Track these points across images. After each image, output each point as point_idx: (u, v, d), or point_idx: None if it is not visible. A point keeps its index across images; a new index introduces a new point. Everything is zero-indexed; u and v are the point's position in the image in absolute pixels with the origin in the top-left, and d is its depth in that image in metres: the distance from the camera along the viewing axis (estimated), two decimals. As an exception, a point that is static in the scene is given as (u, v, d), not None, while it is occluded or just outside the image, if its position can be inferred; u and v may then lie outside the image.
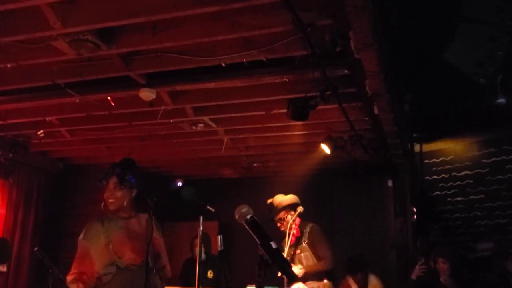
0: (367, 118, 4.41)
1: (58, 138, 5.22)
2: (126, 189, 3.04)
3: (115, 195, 3.03)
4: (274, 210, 4.39)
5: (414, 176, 6.50)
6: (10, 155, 5.22)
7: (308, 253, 4.30)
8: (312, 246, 4.30)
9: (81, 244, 2.99)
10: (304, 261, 4.27)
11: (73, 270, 2.94)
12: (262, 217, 2.07)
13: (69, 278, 2.92)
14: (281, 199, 4.45)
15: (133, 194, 3.07)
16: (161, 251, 3.14)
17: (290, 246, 4.35)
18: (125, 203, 3.05)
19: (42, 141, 5.23)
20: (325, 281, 4.22)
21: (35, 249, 3.71)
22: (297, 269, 4.12)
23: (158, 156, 5.99)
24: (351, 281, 4.98)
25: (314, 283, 4.18)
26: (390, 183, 6.06)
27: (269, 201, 4.49)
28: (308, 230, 4.38)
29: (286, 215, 4.36)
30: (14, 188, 5.84)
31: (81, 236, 3.03)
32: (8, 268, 5.40)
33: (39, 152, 5.93)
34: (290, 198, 4.45)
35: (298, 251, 4.31)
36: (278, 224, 4.40)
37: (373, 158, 5.28)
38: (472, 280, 4.72)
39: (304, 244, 4.31)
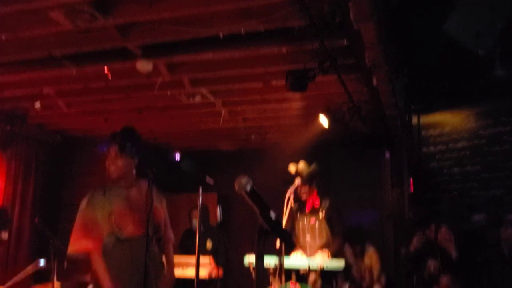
0: (366, 90, 4.40)
1: (55, 110, 5.20)
2: (127, 157, 3.05)
3: (116, 164, 3.04)
4: (302, 178, 4.44)
5: (412, 148, 6.53)
6: (8, 127, 5.21)
7: (323, 225, 4.40)
8: (329, 220, 4.40)
9: (85, 213, 2.99)
10: (317, 232, 4.37)
11: (78, 239, 2.95)
12: (261, 188, 2.09)
13: (75, 247, 2.93)
14: (306, 168, 4.51)
15: (135, 163, 3.09)
16: (160, 222, 3.17)
17: (305, 214, 4.46)
18: (126, 172, 3.06)
19: (39, 113, 5.22)
20: (325, 249, 4.32)
21: (35, 219, 3.75)
22: (323, 257, 4.20)
23: (156, 128, 5.98)
24: (347, 250, 5.08)
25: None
26: (387, 155, 6.09)
27: (292, 169, 4.53)
28: (327, 204, 4.48)
29: (308, 185, 4.45)
30: (13, 161, 5.86)
31: (83, 205, 3.04)
32: (9, 238, 5.48)
33: (37, 124, 5.92)
34: (313, 168, 4.50)
35: (313, 222, 4.41)
36: (304, 193, 4.47)
37: (371, 130, 5.30)
38: (468, 250, 4.80)
39: (321, 217, 4.42)
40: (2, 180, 5.71)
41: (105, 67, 4.02)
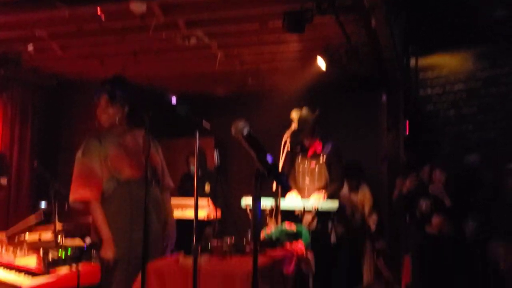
0: (364, 32, 4.33)
1: (49, 53, 5.13)
2: (118, 105, 3.05)
3: (107, 112, 3.05)
4: (306, 125, 4.48)
5: (408, 91, 6.52)
6: (2, 71, 5.15)
7: (323, 169, 4.48)
8: (329, 165, 4.48)
9: (82, 161, 3.02)
10: (316, 175, 4.46)
11: (77, 188, 2.97)
12: (258, 132, 2.11)
13: (75, 196, 2.96)
14: (308, 114, 4.54)
15: (125, 111, 3.09)
16: (157, 166, 3.22)
17: (306, 158, 4.54)
18: (117, 120, 3.07)
19: (33, 56, 5.14)
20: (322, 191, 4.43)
21: (34, 163, 3.79)
22: (317, 198, 4.29)
23: (151, 72, 5.92)
24: (344, 188, 5.23)
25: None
26: (384, 98, 6.08)
27: (294, 115, 4.55)
28: (329, 149, 4.54)
29: (310, 131, 4.51)
30: (9, 105, 5.84)
31: (79, 154, 3.06)
32: (9, 182, 5.57)
33: (32, 68, 5.84)
34: (315, 115, 4.55)
35: (313, 165, 4.49)
36: (306, 140, 4.53)
37: (369, 73, 5.27)
38: (462, 192, 4.92)
39: (322, 161, 4.49)
40: (-1, 124, 5.72)
41: (98, 8, 3.92)
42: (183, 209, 4.92)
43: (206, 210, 5.11)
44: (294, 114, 4.57)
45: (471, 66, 6.49)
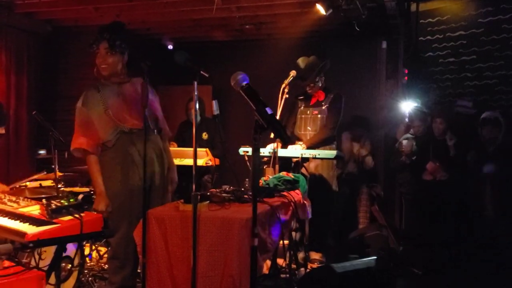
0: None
1: (42, -2, 5.00)
2: (118, 54, 3.03)
3: (107, 61, 3.03)
4: (311, 73, 4.48)
5: (408, 37, 6.42)
6: (-6, 17, 5.04)
7: (324, 116, 4.53)
8: (329, 110, 4.52)
9: (81, 112, 3.03)
10: (319, 122, 4.54)
11: (77, 137, 3.01)
12: (255, 79, 2.11)
13: (74, 145, 2.99)
14: (316, 63, 4.53)
15: (125, 59, 3.07)
16: (158, 114, 3.24)
17: (309, 106, 4.56)
18: (118, 68, 3.06)
19: (26, 1, 5.01)
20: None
21: (33, 112, 3.78)
22: (300, 147, 4.36)
23: (147, 18, 5.80)
24: (344, 135, 5.29)
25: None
26: (384, 45, 6.00)
27: (301, 63, 4.54)
28: (332, 96, 4.59)
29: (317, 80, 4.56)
30: (3, 52, 5.75)
31: (79, 104, 3.06)
32: (8, 131, 5.58)
33: (25, 13, 5.70)
34: (319, 63, 4.56)
35: (316, 112, 4.53)
36: (309, 89, 4.56)
37: (368, 19, 5.17)
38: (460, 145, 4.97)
39: (324, 107, 4.52)
40: (-6, 71, 5.66)
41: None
42: (181, 158, 4.96)
43: (204, 159, 5.16)
44: (301, 61, 4.55)
45: (473, 11, 6.35)
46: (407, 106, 5.75)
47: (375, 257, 3.50)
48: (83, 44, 6.39)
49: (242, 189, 3.17)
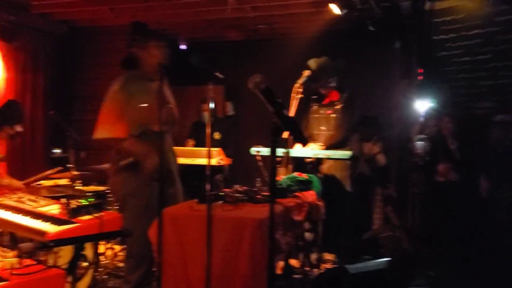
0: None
1: (58, -1, 5.06)
2: (161, 52, 3.23)
3: (152, 56, 3.19)
4: (324, 74, 4.49)
5: (422, 36, 6.37)
6: (11, 17, 5.11)
7: (339, 116, 4.53)
8: (344, 111, 4.52)
9: (117, 99, 3.10)
10: (333, 122, 4.53)
11: (105, 124, 3.10)
12: (268, 79, 2.11)
13: (100, 133, 3.08)
14: (329, 64, 4.54)
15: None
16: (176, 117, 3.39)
17: (322, 106, 4.57)
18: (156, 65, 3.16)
19: (42, 2, 5.08)
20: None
21: (51, 112, 3.84)
22: (318, 147, 4.36)
23: (163, 18, 5.83)
24: (358, 136, 5.29)
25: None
26: (397, 44, 5.97)
27: (312, 63, 4.55)
28: (346, 95, 4.58)
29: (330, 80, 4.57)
30: (20, 52, 5.83)
31: (115, 91, 3.15)
32: (24, 130, 5.65)
33: (41, 14, 5.78)
34: (332, 63, 4.58)
35: (330, 111, 4.53)
36: (322, 89, 4.55)
37: (382, 19, 5.15)
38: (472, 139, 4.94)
39: (338, 107, 4.52)
40: (11, 71, 5.74)
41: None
42: (194, 158, 5.00)
43: (216, 158, 5.19)
44: (312, 63, 4.55)
45: (490, 9, 6.28)
46: (421, 105, 5.72)
47: (389, 258, 3.49)
48: (98, 45, 6.51)
49: (255, 189, 3.19)
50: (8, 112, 4.27)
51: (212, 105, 2.67)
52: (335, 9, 4.76)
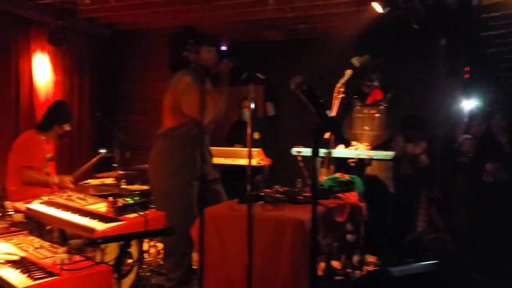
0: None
1: (104, 3, 5.21)
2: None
3: (213, 59, 3.36)
4: (367, 72, 4.47)
5: (470, 33, 6.17)
6: (60, 22, 5.30)
7: (383, 115, 4.48)
8: (388, 111, 4.46)
9: (195, 86, 3.20)
10: (377, 121, 4.48)
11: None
12: (309, 79, 2.10)
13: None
14: (372, 62, 4.52)
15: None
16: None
17: (365, 105, 4.54)
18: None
19: (88, 7, 5.25)
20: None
21: (97, 114, 3.97)
22: (363, 147, 4.33)
23: (202, 20, 5.91)
24: (401, 137, 5.19)
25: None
26: (443, 42, 5.80)
27: (355, 62, 4.53)
28: (390, 95, 4.53)
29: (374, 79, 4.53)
30: (67, 56, 6.05)
31: (192, 82, 3.28)
32: (72, 130, 5.86)
33: (87, 18, 5.98)
34: (375, 61, 4.57)
35: (374, 111, 4.49)
36: (366, 88, 4.52)
37: (427, 16, 5.02)
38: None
39: (382, 107, 4.48)
40: (59, 74, 5.96)
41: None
42: (234, 158, 5.04)
43: (256, 158, 5.21)
44: (355, 61, 4.51)
45: (542, 4, 6.01)
46: (468, 105, 5.54)
47: (434, 261, 3.40)
48: (141, 47, 6.67)
49: (295, 190, 3.18)
50: (57, 112, 4.43)
51: (252, 105, 2.67)
52: (377, 7, 4.68)
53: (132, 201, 2.39)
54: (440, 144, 5.80)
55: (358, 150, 4.25)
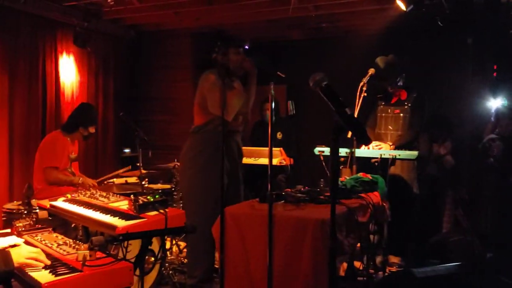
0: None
1: (127, 5, 5.27)
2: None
3: (241, 61, 3.48)
4: (392, 72, 4.43)
5: (498, 31, 6.02)
6: (85, 24, 5.39)
7: (407, 115, 4.43)
8: (412, 111, 4.41)
9: (219, 85, 3.30)
10: (401, 121, 4.43)
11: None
12: (332, 78, 2.08)
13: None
14: (396, 61, 4.47)
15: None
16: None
17: (389, 104, 4.49)
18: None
19: (112, 8, 5.32)
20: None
21: (120, 114, 4.02)
22: (387, 146, 4.29)
23: (225, 20, 5.93)
24: (426, 137, 5.11)
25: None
26: (469, 40, 5.68)
27: (379, 62, 4.49)
28: (415, 95, 4.49)
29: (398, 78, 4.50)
30: (92, 57, 6.15)
31: (214, 76, 3.40)
32: (97, 129, 5.97)
33: (111, 20, 6.06)
34: (398, 62, 4.52)
35: (398, 111, 4.45)
36: (390, 88, 4.50)
37: (453, 14, 4.92)
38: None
39: (406, 107, 4.43)
40: (84, 75, 6.06)
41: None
42: (256, 158, 5.04)
43: (278, 158, 5.19)
44: (379, 61, 4.46)
45: None
46: (495, 104, 5.41)
47: (459, 263, 3.33)
48: (164, 48, 6.73)
49: (318, 189, 3.16)
50: (83, 114, 4.51)
51: (273, 105, 2.66)
52: (401, 5, 4.61)
53: (153, 199, 2.41)
54: (467, 144, 5.68)
55: (381, 150, 4.19)
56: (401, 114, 4.46)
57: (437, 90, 5.65)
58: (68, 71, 5.81)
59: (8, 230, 2.66)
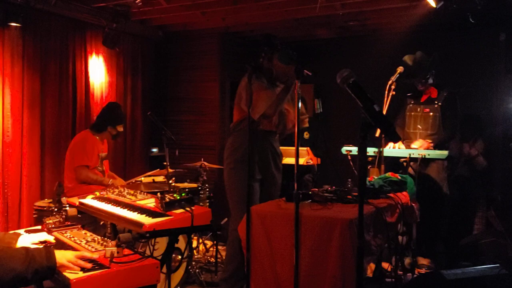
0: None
1: (155, 6, 5.33)
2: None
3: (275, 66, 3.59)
4: (421, 70, 4.39)
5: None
6: (114, 25, 5.47)
7: (438, 114, 4.35)
8: (443, 113, 4.34)
9: (254, 84, 3.35)
10: (431, 120, 4.34)
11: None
12: (360, 76, 2.05)
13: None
14: (426, 59, 4.43)
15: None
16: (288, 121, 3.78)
17: (419, 103, 4.44)
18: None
19: (141, 9, 5.38)
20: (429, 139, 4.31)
21: (148, 113, 4.05)
22: (418, 143, 4.24)
23: (251, 20, 5.93)
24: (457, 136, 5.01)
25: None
26: (502, 37, 5.52)
27: (408, 60, 4.44)
28: (446, 94, 4.42)
29: (428, 76, 4.46)
30: (121, 57, 6.24)
31: (253, 76, 3.42)
32: (124, 129, 6.06)
33: (139, 21, 6.14)
34: (429, 59, 4.48)
35: (428, 110, 4.38)
36: (421, 86, 4.45)
37: (485, 10, 4.79)
38: None
39: (436, 106, 4.36)
40: (113, 75, 6.15)
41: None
42: (283, 157, 5.01)
43: (305, 158, 5.17)
44: (407, 59, 4.39)
45: None
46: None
47: (491, 266, 3.23)
48: (191, 48, 6.78)
49: (345, 189, 3.12)
50: (111, 113, 4.59)
51: (299, 104, 2.64)
52: (431, 2, 4.51)
53: (179, 197, 2.42)
54: (499, 143, 5.53)
55: (410, 149, 4.11)
56: (431, 113, 4.37)
57: (468, 88, 5.51)
58: (97, 72, 5.91)
59: (39, 227, 2.72)
